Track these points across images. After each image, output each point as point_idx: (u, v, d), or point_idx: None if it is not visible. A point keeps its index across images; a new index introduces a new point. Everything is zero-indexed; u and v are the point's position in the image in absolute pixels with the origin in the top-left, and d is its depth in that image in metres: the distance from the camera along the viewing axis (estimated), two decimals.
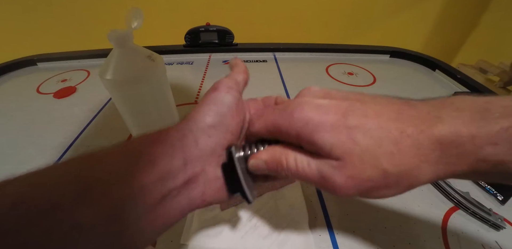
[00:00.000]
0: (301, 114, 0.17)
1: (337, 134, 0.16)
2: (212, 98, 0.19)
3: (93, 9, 0.96)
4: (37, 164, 0.42)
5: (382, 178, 0.15)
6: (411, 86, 0.63)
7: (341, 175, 0.16)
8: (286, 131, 0.17)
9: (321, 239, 0.30)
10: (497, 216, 0.32)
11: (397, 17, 1.04)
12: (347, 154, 0.15)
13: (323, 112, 0.16)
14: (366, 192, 0.16)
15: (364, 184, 0.16)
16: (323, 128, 0.16)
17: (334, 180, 0.16)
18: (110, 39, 0.27)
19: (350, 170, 0.16)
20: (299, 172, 0.17)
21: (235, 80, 0.22)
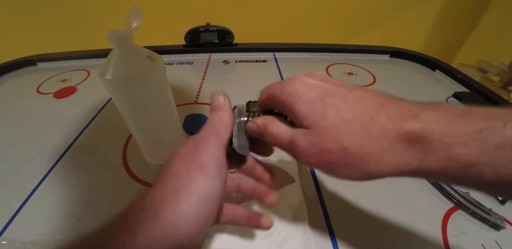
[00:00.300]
0: (290, 86, 0.19)
1: (312, 107, 0.17)
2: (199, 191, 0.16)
3: (93, 9, 0.96)
4: (37, 164, 0.42)
5: (341, 154, 0.16)
6: (411, 86, 0.63)
7: (306, 141, 0.17)
8: (277, 99, 0.19)
9: (321, 239, 0.30)
10: (497, 216, 0.32)
11: (397, 17, 1.04)
12: (315, 125, 0.17)
13: (308, 88, 0.18)
14: (327, 166, 0.17)
15: (324, 155, 0.17)
16: (302, 100, 0.18)
17: (299, 145, 0.18)
18: (110, 39, 0.27)
19: (314, 138, 0.17)
20: (276, 137, 0.19)
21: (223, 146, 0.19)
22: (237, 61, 0.75)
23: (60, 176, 0.39)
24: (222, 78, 0.66)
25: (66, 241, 0.16)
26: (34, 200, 0.36)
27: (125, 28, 0.28)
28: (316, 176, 0.38)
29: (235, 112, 0.23)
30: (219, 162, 0.18)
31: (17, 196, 0.36)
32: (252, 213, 0.24)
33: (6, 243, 0.30)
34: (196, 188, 0.16)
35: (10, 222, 0.33)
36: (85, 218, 0.33)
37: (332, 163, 0.17)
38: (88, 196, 0.36)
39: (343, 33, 1.08)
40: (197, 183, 0.16)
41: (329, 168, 0.17)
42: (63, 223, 0.32)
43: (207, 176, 0.17)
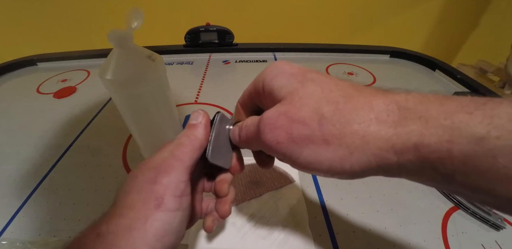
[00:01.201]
0: (272, 65, 0.18)
1: (291, 79, 0.16)
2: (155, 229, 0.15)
3: (93, 9, 0.96)
4: (37, 164, 0.42)
5: (317, 125, 0.13)
6: (411, 86, 0.63)
7: (274, 111, 0.15)
8: (258, 82, 0.18)
9: (321, 239, 0.30)
10: (497, 216, 0.32)
11: (398, 17, 1.04)
12: (290, 93, 0.15)
13: (290, 66, 0.17)
14: (299, 143, 0.14)
15: (296, 127, 0.14)
16: (283, 74, 0.16)
17: (264, 117, 0.15)
18: (110, 39, 0.27)
19: (285, 108, 0.14)
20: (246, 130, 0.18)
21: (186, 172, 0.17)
22: (237, 61, 0.75)
23: (60, 176, 0.39)
24: (222, 78, 0.66)
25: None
26: (34, 200, 0.36)
27: (125, 28, 0.28)
28: (316, 176, 0.38)
29: (215, 119, 0.20)
30: (179, 192, 0.16)
31: (17, 196, 0.36)
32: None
33: (6, 243, 0.30)
34: (151, 226, 0.15)
35: (10, 222, 0.33)
36: (85, 218, 0.33)
37: (305, 139, 0.13)
38: (88, 196, 0.36)
39: (343, 33, 1.08)
40: (153, 220, 0.15)
41: (301, 147, 0.14)
42: (63, 223, 0.32)
43: (164, 211, 0.15)
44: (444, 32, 1.08)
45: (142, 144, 0.38)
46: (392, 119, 0.12)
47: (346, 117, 0.13)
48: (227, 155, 0.21)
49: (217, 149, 0.19)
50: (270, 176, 0.37)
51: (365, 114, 0.13)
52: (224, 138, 0.20)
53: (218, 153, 0.19)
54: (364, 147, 0.13)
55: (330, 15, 1.02)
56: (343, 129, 0.13)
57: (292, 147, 0.14)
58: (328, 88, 0.14)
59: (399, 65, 0.74)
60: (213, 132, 0.19)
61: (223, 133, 0.20)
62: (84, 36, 0.99)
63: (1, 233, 0.31)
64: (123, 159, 0.42)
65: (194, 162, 0.18)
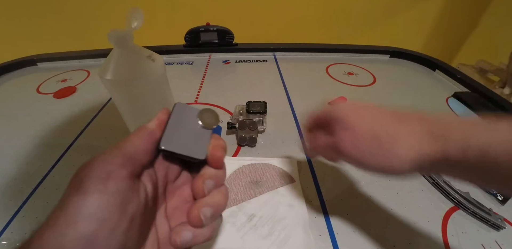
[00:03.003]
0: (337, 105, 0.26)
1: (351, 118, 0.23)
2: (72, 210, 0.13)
3: (93, 9, 0.96)
4: (37, 164, 0.41)
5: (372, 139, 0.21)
6: (411, 86, 0.63)
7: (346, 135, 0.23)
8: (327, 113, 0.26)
9: (321, 239, 0.30)
10: (497, 216, 0.32)
11: (397, 17, 1.04)
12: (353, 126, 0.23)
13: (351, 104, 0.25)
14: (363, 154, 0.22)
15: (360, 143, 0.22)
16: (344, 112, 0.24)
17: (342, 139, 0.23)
18: (110, 39, 0.27)
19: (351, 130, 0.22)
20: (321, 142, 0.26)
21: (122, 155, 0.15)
22: (237, 61, 0.75)
23: (60, 176, 0.39)
24: (222, 78, 0.66)
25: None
26: (34, 200, 0.36)
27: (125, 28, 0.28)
28: (316, 176, 0.38)
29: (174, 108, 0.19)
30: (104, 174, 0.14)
31: (17, 196, 0.36)
32: None
33: (6, 243, 0.30)
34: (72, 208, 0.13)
35: (10, 222, 0.33)
36: None
37: (367, 150, 0.21)
38: None
39: (343, 33, 1.08)
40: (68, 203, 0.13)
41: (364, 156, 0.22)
42: None
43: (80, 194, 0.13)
44: (444, 32, 1.08)
45: None
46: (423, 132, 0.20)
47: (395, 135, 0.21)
48: (199, 144, 0.18)
49: (177, 137, 0.17)
50: (270, 176, 0.37)
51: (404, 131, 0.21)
52: (190, 126, 0.18)
53: (178, 141, 0.17)
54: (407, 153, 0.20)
55: (330, 15, 1.02)
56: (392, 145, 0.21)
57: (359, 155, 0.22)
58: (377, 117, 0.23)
59: (399, 65, 0.74)
60: (169, 121, 0.18)
61: (188, 121, 0.19)
62: (84, 36, 0.99)
63: (1, 233, 0.31)
64: None
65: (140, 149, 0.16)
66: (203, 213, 0.16)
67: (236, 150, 0.43)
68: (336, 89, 0.60)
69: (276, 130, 0.47)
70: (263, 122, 0.46)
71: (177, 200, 0.19)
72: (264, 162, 0.40)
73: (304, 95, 0.58)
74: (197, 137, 0.18)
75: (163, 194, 0.18)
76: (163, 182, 0.18)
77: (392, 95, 0.58)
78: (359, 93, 0.59)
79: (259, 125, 0.45)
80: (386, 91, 0.60)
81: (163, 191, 0.18)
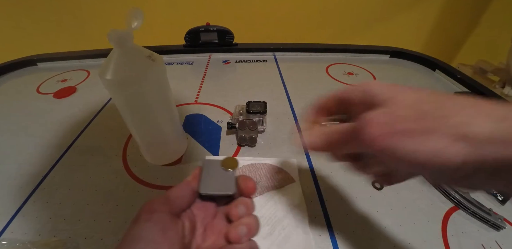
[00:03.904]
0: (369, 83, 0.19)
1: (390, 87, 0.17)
2: (130, 236, 0.18)
3: (93, 9, 0.96)
4: (37, 164, 0.42)
5: (419, 118, 0.14)
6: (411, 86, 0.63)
7: (376, 112, 0.16)
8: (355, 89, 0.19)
9: (321, 239, 0.30)
10: (497, 216, 0.32)
11: (398, 17, 1.04)
12: (390, 98, 0.16)
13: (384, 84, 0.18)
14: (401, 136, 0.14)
15: (398, 122, 0.14)
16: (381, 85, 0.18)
17: (366, 116, 0.16)
18: (110, 39, 0.27)
19: (386, 108, 0.16)
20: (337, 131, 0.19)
21: (164, 198, 0.20)
22: (237, 61, 0.75)
23: (60, 176, 0.39)
24: (222, 78, 0.66)
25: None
26: (34, 200, 0.36)
27: (125, 28, 0.28)
28: (316, 176, 0.38)
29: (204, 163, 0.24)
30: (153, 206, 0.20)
31: (17, 196, 0.36)
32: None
33: (6, 243, 0.30)
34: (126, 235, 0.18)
35: (10, 222, 0.33)
36: (85, 218, 0.33)
37: (407, 131, 0.14)
38: (88, 196, 0.36)
39: (343, 33, 1.08)
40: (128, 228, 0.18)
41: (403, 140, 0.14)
42: (63, 223, 0.32)
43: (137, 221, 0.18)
44: (444, 32, 1.08)
45: (142, 144, 0.38)
46: (495, 114, 0.13)
47: (447, 111, 0.14)
48: (227, 184, 0.23)
49: (210, 183, 0.22)
50: (271, 176, 0.37)
51: (467, 109, 0.14)
52: (218, 173, 0.23)
53: (211, 185, 0.22)
54: (466, 138, 0.13)
55: (330, 15, 1.02)
56: (445, 121, 0.14)
57: (394, 139, 0.15)
58: (425, 94, 0.16)
59: (399, 65, 0.74)
60: (202, 172, 0.23)
61: (215, 169, 0.24)
62: (84, 36, 0.99)
63: (1, 233, 0.31)
64: (123, 159, 0.42)
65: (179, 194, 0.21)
66: (239, 230, 0.20)
67: (236, 150, 0.43)
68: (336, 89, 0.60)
69: (276, 130, 0.47)
70: (263, 122, 0.46)
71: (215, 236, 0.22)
72: (264, 162, 0.40)
73: (304, 95, 0.58)
74: (224, 179, 0.23)
75: (203, 232, 0.22)
76: (201, 223, 0.22)
77: None
78: None
79: (259, 125, 0.45)
80: None
81: (202, 231, 0.22)
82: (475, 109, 0.14)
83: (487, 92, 0.57)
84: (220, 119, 0.50)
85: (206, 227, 0.22)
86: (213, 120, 0.50)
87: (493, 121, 0.13)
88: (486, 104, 0.14)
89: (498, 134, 0.13)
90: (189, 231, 0.20)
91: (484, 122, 0.13)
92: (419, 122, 0.14)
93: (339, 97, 0.21)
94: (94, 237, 0.31)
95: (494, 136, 0.13)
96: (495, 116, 0.13)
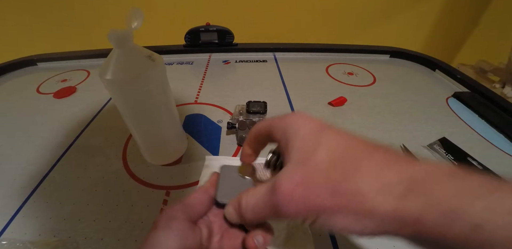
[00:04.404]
0: (291, 118, 0.19)
1: (306, 140, 0.17)
2: (149, 242, 0.18)
3: (93, 9, 0.96)
4: (37, 164, 0.41)
5: (330, 194, 0.14)
6: (411, 86, 0.63)
7: (292, 178, 0.15)
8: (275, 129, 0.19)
9: (321, 239, 0.30)
10: None
11: (398, 17, 1.04)
12: (304, 159, 0.16)
13: (307, 121, 0.18)
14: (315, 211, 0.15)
15: (312, 198, 0.15)
16: (300, 132, 0.17)
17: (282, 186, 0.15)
18: (110, 39, 0.27)
19: (299, 175, 0.15)
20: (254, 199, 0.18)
21: (183, 205, 0.21)
22: (237, 61, 0.75)
23: (60, 176, 0.39)
24: (222, 78, 0.66)
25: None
26: (34, 200, 0.36)
27: (125, 28, 0.28)
28: None
29: (221, 170, 0.24)
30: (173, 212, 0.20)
31: (17, 196, 0.36)
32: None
33: (6, 243, 0.30)
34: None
35: (10, 222, 0.33)
36: (85, 218, 0.33)
37: (321, 207, 0.14)
38: (88, 196, 0.36)
39: (343, 33, 1.08)
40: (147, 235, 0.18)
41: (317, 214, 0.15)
42: (63, 223, 0.32)
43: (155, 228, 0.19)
44: (444, 32, 1.08)
45: (142, 144, 0.38)
46: (398, 192, 0.13)
47: (355, 187, 0.14)
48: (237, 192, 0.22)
49: (228, 191, 0.22)
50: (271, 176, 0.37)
51: (373, 185, 0.14)
52: (235, 180, 0.23)
53: (229, 193, 0.22)
54: (371, 216, 0.14)
55: (330, 15, 1.02)
56: (352, 198, 0.14)
57: (309, 214, 0.15)
58: (339, 154, 0.15)
59: (399, 65, 0.74)
60: (219, 179, 0.23)
61: (233, 176, 0.23)
62: (84, 36, 0.99)
63: (1, 233, 0.31)
64: (123, 159, 0.42)
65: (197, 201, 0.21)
66: (256, 239, 0.20)
67: (236, 150, 0.43)
68: (336, 89, 0.60)
69: None
70: None
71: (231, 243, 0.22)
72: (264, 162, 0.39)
73: (304, 95, 0.58)
74: (241, 187, 0.22)
75: (220, 240, 0.22)
76: (218, 230, 0.22)
77: (392, 95, 0.58)
78: (359, 93, 0.59)
79: None
80: (386, 91, 0.59)
81: (219, 238, 0.22)
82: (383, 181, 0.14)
83: (487, 92, 0.57)
84: (220, 119, 0.50)
85: (223, 234, 0.22)
86: (213, 120, 0.50)
87: (395, 198, 0.13)
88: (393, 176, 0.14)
89: (396, 214, 0.13)
90: (206, 238, 0.21)
91: (387, 199, 0.13)
92: (329, 199, 0.14)
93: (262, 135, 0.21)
94: (94, 237, 0.31)
95: (393, 215, 0.13)
96: (398, 190, 0.13)
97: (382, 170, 0.14)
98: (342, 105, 0.55)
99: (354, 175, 0.14)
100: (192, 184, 0.38)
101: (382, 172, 0.14)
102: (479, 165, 0.40)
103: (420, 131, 0.47)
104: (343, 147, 0.16)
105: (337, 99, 0.55)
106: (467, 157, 0.41)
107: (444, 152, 0.42)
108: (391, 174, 0.14)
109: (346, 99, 0.55)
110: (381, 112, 0.53)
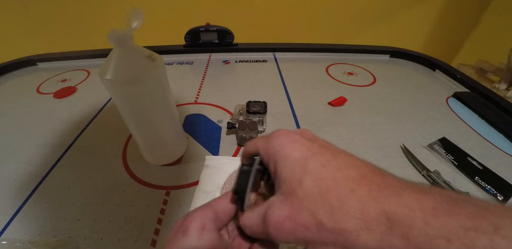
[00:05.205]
0: (276, 143, 0.18)
1: (293, 171, 0.17)
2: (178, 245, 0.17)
3: (93, 9, 0.96)
4: (37, 164, 0.41)
5: (316, 230, 0.15)
6: (411, 86, 0.63)
7: (281, 213, 0.16)
8: (262, 153, 0.19)
9: None
10: None
11: (397, 17, 1.04)
12: (291, 193, 0.16)
13: (292, 147, 0.18)
14: (305, 243, 0.16)
15: (300, 230, 0.15)
16: (285, 162, 0.17)
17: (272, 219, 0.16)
18: (110, 39, 0.27)
19: (288, 210, 0.16)
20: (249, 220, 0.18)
21: (213, 213, 0.20)
22: (237, 61, 0.75)
23: (60, 176, 0.39)
24: (222, 78, 0.66)
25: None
26: (34, 200, 0.36)
27: (125, 28, 0.28)
28: None
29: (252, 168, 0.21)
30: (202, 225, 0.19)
31: (17, 196, 0.36)
32: None
33: (6, 243, 0.30)
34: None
35: (10, 222, 0.33)
36: (85, 218, 0.33)
37: (308, 239, 0.15)
38: (88, 196, 0.36)
39: (343, 33, 1.08)
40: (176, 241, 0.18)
41: (310, 245, 0.15)
42: (63, 223, 0.32)
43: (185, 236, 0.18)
44: (444, 32, 1.08)
45: (142, 144, 0.38)
46: (380, 230, 0.14)
47: (340, 226, 0.14)
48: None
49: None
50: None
51: (357, 224, 0.14)
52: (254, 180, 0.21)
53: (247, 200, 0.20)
54: None
55: (330, 15, 1.02)
56: (338, 236, 0.14)
57: (299, 243, 0.16)
58: (324, 187, 0.15)
59: (399, 65, 0.74)
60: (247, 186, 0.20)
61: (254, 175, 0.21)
62: (84, 36, 0.99)
63: (1, 233, 0.31)
64: (123, 159, 0.42)
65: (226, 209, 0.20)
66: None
67: (236, 149, 0.43)
68: (336, 89, 0.60)
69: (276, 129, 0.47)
70: (263, 123, 0.46)
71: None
72: None
73: (304, 95, 0.58)
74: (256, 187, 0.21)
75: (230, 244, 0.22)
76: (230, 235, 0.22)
77: (392, 95, 0.58)
78: (359, 93, 0.59)
79: (259, 125, 0.45)
80: (386, 91, 0.59)
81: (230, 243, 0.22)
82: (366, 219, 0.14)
83: (487, 92, 0.57)
84: (220, 119, 0.50)
85: (234, 239, 0.22)
86: (213, 120, 0.50)
87: (378, 236, 0.13)
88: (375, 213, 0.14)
89: None
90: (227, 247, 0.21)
91: (371, 237, 0.14)
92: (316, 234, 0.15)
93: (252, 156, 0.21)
94: (94, 237, 0.31)
95: None
96: (381, 229, 0.13)
97: (364, 206, 0.14)
98: (342, 105, 0.55)
99: (339, 213, 0.15)
100: (192, 184, 0.38)
101: (365, 209, 0.14)
102: (479, 165, 0.40)
103: (420, 131, 0.47)
104: (328, 179, 0.16)
105: (337, 99, 0.55)
106: (467, 157, 0.41)
107: (444, 152, 0.42)
108: (373, 212, 0.14)
109: (346, 99, 0.55)
110: (381, 112, 0.53)
